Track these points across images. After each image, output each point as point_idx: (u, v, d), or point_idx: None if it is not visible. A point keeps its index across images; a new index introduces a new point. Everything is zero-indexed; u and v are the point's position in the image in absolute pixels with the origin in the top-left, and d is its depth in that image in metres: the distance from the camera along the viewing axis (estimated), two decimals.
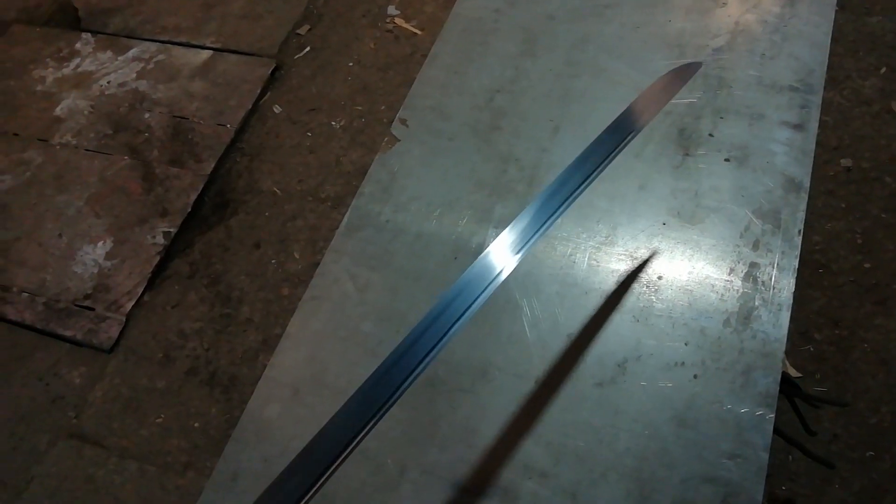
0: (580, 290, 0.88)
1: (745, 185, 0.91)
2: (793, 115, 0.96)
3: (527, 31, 1.13)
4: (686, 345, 0.82)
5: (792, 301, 0.82)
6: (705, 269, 0.86)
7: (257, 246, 2.00)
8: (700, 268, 0.87)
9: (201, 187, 2.11)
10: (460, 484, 0.78)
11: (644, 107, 0.72)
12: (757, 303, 0.83)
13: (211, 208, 2.10)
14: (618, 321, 0.85)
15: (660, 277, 0.87)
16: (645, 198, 0.93)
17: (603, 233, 0.92)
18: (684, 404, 0.78)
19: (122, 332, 1.89)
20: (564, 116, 1.03)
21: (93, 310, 1.92)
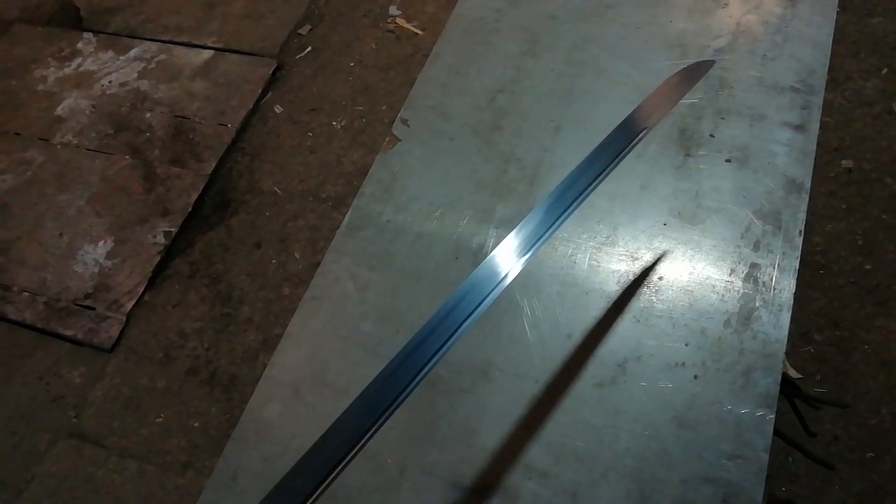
0: (581, 290, 0.88)
1: (746, 186, 0.91)
2: (794, 116, 0.96)
3: (528, 31, 1.13)
4: (686, 345, 0.81)
5: (792, 302, 0.82)
6: (706, 269, 0.86)
7: (258, 246, 2.00)
8: (701, 268, 0.87)
9: (202, 187, 2.11)
10: (460, 484, 0.78)
11: (656, 104, 0.71)
12: (757, 303, 0.83)
13: (212, 208, 2.10)
14: (618, 321, 0.85)
15: (660, 278, 0.87)
16: (646, 198, 0.93)
17: (604, 233, 0.92)
18: (684, 405, 0.78)
19: (122, 332, 1.89)
20: (566, 116, 1.03)
21: (93, 309, 1.92)
